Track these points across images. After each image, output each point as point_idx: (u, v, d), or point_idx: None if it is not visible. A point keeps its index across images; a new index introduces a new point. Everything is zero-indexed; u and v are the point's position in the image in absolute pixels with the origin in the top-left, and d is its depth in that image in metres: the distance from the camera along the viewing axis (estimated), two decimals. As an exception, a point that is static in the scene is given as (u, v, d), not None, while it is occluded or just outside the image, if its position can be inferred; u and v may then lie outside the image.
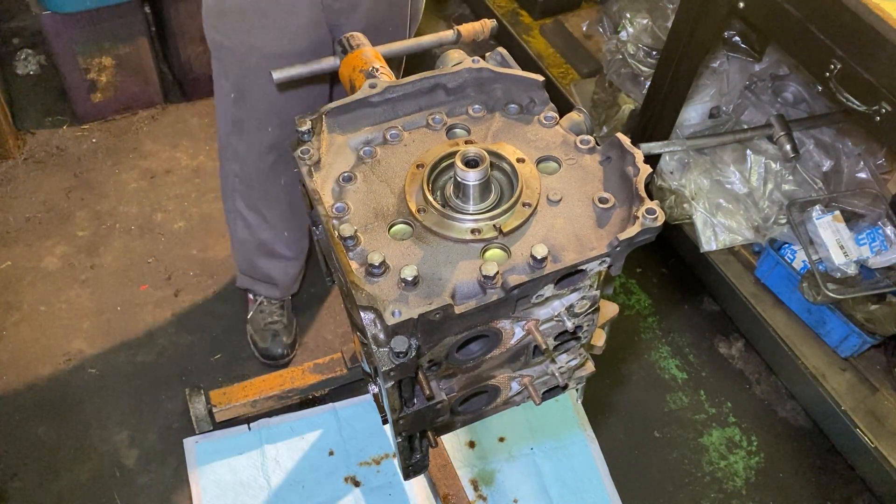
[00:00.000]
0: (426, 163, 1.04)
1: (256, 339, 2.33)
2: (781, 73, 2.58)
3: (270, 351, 2.30)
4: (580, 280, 0.97)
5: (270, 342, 2.30)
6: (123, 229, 2.66)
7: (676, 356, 2.47)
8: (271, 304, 2.34)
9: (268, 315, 2.33)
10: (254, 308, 2.36)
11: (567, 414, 2.28)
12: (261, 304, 2.34)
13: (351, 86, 1.29)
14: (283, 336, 2.32)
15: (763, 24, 1.90)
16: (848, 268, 2.16)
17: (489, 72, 1.15)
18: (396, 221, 1.00)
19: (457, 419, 1.15)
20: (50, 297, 2.46)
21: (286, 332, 2.33)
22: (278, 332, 2.32)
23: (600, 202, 1.01)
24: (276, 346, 2.30)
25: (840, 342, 2.22)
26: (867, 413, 2.12)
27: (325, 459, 2.13)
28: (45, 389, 2.24)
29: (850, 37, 1.63)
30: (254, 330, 2.34)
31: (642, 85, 2.60)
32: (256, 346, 2.33)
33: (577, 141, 1.09)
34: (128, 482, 2.08)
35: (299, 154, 1.07)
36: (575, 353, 1.11)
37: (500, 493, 2.10)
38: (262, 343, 2.31)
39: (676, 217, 2.52)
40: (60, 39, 2.69)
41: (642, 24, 2.52)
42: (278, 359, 2.31)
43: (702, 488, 2.19)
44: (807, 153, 2.43)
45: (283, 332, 2.32)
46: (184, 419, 2.18)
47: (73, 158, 2.87)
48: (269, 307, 2.34)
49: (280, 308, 2.35)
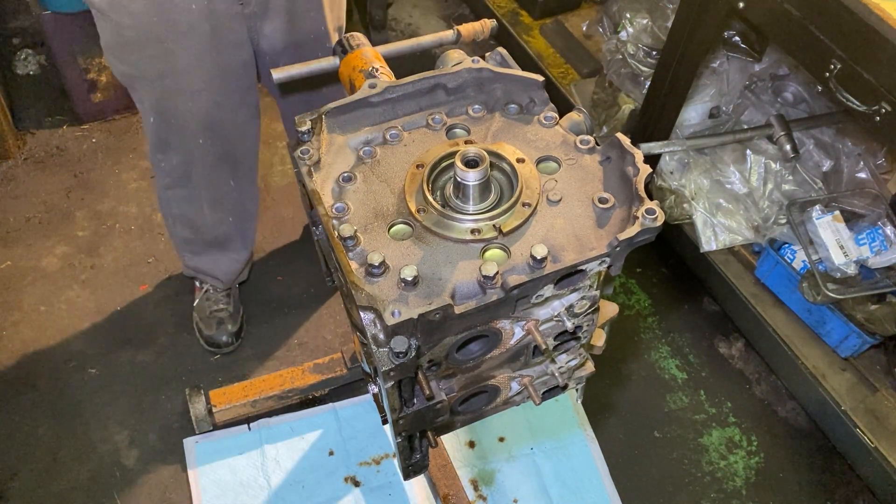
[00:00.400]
0: (426, 163, 1.04)
1: (202, 326, 2.34)
2: (781, 73, 2.58)
3: (215, 338, 2.32)
4: (580, 280, 0.97)
5: (216, 330, 2.32)
6: (123, 229, 2.66)
7: (676, 356, 2.47)
8: (217, 291, 2.35)
9: (213, 303, 2.35)
10: (200, 295, 2.37)
11: (567, 414, 2.28)
12: (207, 292, 2.36)
13: (351, 86, 1.29)
14: (228, 324, 2.33)
15: (763, 24, 1.90)
16: (848, 268, 2.16)
17: (489, 72, 1.15)
18: (396, 221, 1.00)
19: (457, 419, 1.15)
20: (50, 297, 2.46)
21: (231, 321, 2.34)
22: (223, 319, 2.33)
23: (600, 202, 1.01)
24: (220, 333, 2.32)
25: (840, 342, 2.22)
26: (867, 413, 2.12)
27: (325, 459, 2.13)
28: (45, 389, 2.24)
29: (850, 37, 1.63)
30: (199, 317, 2.36)
31: (642, 85, 2.60)
32: (202, 333, 2.34)
33: (576, 141, 1.09)
34: (128, 482, 2.08)
35: (299, 154, 1.07)
36: (575, 353, 1.11)
37: (500, 493, 2.10)
38: (206, 330, 2.33)
39: (676, 217, 2.52)
40: (60, 39, 2.69)
41: (642, 24, 2.52)
42: (223, 346, 2.33)
43: (702, 488, 2.19)
44: (807, 153, 2.43)
45: (228, 321, 2.33)
46: (184, 419, 2.18)
47: (73, 158, 2.87)
48: (215, 295, 2.35)
49: (226, 296, 2.36)
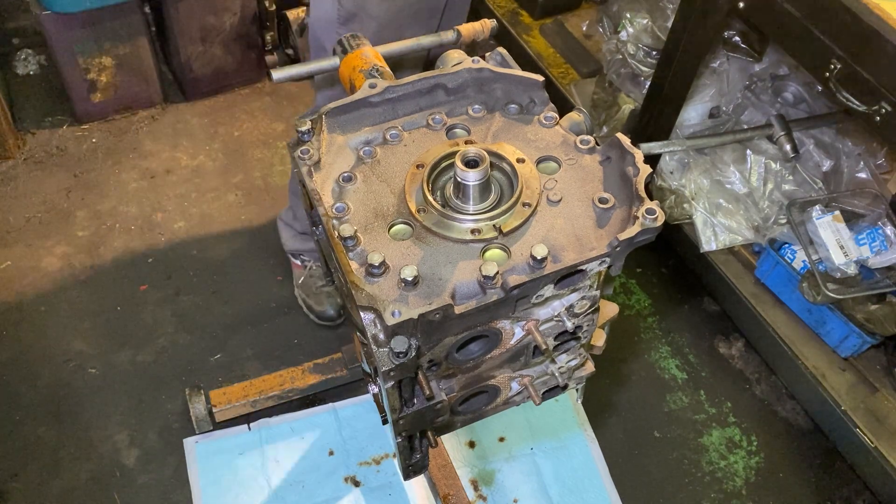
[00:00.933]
0: (426, 163, 1.04)
1: (311, 302, 2.41)
2: (781, 73, 2.58)
3: (327, 312, 2.38)
4: (580, 280, 0.97)
5: (326, 304, 2.38)
6: (123, 229, 2.66)
7: (676, 356, 2.47)
8: (319, 267, 2.41)
9: (319, 279, 2.41)
10: (303, 273, 2.43)
11: (567, 414, 2.28)
12: (310, 269, 2.42)
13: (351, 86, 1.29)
14: (337, 297, 2.39)
15: (763, 24, 1.90)
16: (848, 268, 2.16)
17: (489, 72, 1.15)
18: (396, 221, 1.00)
19: (457, 419, 1.15)
20: (50, 297, 2.46)
21: (337, 293, 2.38)
22: (332, 293, 2.39)
23: (600, 202, 1.01)
24: (331, 307, 2.38)
25: (840, 342, 2.22)
26: (867, 413, 2.12)
27: (325, 459, 2.13)
28: (45, 389, 2.24)
29: (850, 37, 1.63)
30: (306, 294, 2.42)
31: (642, 85, 2.60)
32: (312, 309, 2.41)
33: (577, 141, 1.09)
34: (128, 482, 2.08)
35: (299, 154, 1.06)
36: (575, 353, 1.11)
37: (500, 493, 2.10)
38: (318, 306, 2.40)
39: (676, 217, 2.52)
40: (60, 39, 2.69)
41: (642, 24, 2.52)
42: (335, 319, 2.39)
43: (702, 488, 2.19)
44: (807, 153, 2.42)
45: (335, 293, 2.40)
46: (184, 419, 2.18)
47: (73, 158, 2.87)
48: (319, 271, 2.41)
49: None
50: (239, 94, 3.16)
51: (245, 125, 3.05)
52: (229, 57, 3.05)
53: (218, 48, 2.99)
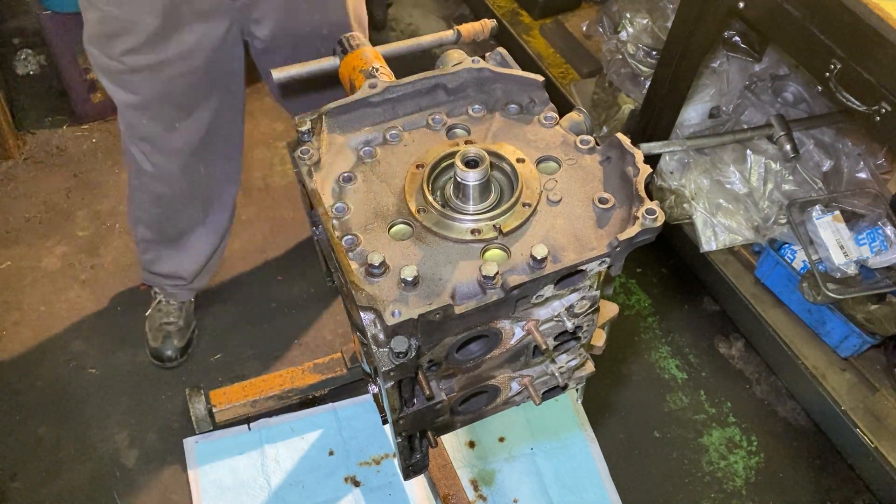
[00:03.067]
0: (426, 163, 1.04)
1: (149, 336, 2.31)
2: (781, 73, 2.58)
3: (160, 351, 2.28)
4: (580, 280, 0.97)
5: (161, 343, 2.28)
6: (123, 229, 2.66)
7: (676, 356, 2.47)
8: (169, 304, 2.32)
9: (164, 315, 2.31)
10: (153, 306, 2.34)
11: (567, 414, 2.28)
12: (159, 304, 2.33)
13: (351, 86, 1.29)
14: (175, 339, 2.29)
15: (763, 24, 1.90)
16: (848, 268, 2.16)
17: (489, 72, 1.15)
18: (396, 221, 1.00)
19: (457, 419, 1.15)
20: (50, 297, 2.46)
21: (179, 335, 2.30)
22: (171, 333, 2.29)
23: (600, 202, 1.01)
24: (166, 347, 2.28)
25: (840, 342, 2.22)
26: (867, 413, 2.12)
27: (325, 459, 2.13)
28: (45, 389, 2.24)
29: (850, 37, 1.63)
30: (149, 328, 2.32)
31: (642, 85, 2.60)
32: (148, 344, 2.31)
33: (577, 141, 1.09)
34: (128, 482, 2.08)
35: (299, 154, 1.07)
36: (575, 353, 1.11)
37: (500, 493, 2.10)
38: (153, 342, 2.29)
39: (676, 217, 2.52)
40: (60, 39, 2.69)
41: (642, 24, 2.52)
42: (165, 361, 2.29)
43: (702, 488, 2.19)
44: (807, 153, 2.42)
45: (175, 335, 2.29)
46: (184, 419, 2.18)
47: (73, 158, 2.87)
48: (167, 307, 2.32)
49: (178, 310, 2.32)
50: (239, 94, 3.16)
51: (245, 125, 3.04)
52: (229, 57, 3.04)
53: (218, 48, 2.99)
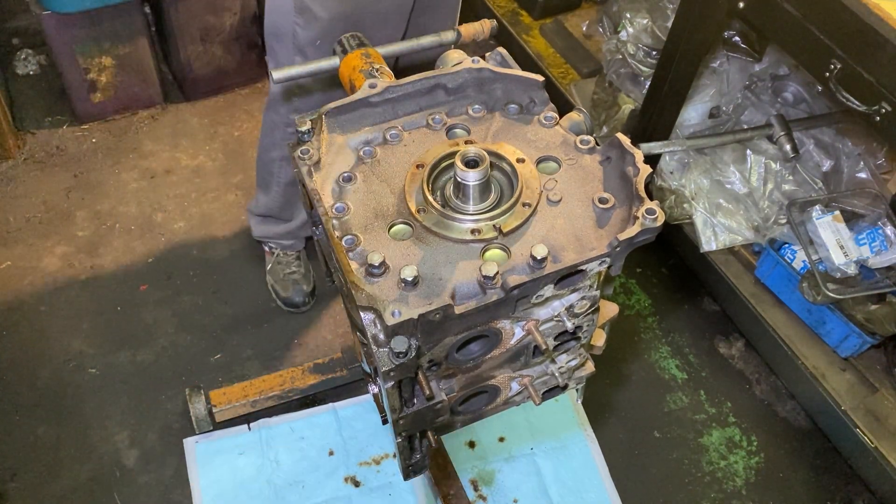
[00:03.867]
0: (426, 163, 1.04)
1: (278, 288, 2.46)
2: (781, 73, 2.58)
3: (292, 299, 2.43)
4: (580, 280, 0.97)
5: (292, 291, 2.43)
6: (123, 229, 2.66)
7: (676, 356, 2.47)
8: (287, 255, 2.46)
9: (286, 266, 2.46)
10: (272, 260, 2.48)
11: (567, 414, 2.28)
12: (278, 256, 2.47)
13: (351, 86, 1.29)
14: (303, 284, 2.45)
15: (763, 24, 1.90)
16: (848, 268, 2.16)
17: (489, 72, 1.15)
18: (396, 221, 1.00)
19: (457, 419, 1.15)
20: (50, 297, 2.46)
21: (305, 281, 2.46)
22: (298, 280, 2.45)
23: (600, 202, 1.01)
24: (297, 294, 2.43)
25: (840, 342, 2.22)
26: (867, 413, 2.12)
27: (325, 459, 2.13)
28: (45, 389, 2.24)
29: (850, 37, 1.63)
30: (274, 281, 2.48)
31: (642, 85, 2.60)
32: (279, 295, 2.46)
33: (577, 141, 1.09)
34: (128, 482, 2.08)
35: (299, 154, 1.06)
36: (575, 353, 1.11)
37: (500, 493, 2.10)
38: (283, 292, 2.45)
39: (676, 217, 2.52)
40: (60, 39, 2.69)
41: (642, 24, 2.52)
42: (300, 306, 2.44)
43: (702, 488, 2.19)
44: (807, 153, 2.42)
45: (302, 281, 2.45)
46: (184, 419, 2.18)
47: (73, 158, 2.87)
48: (286, 258, 2.46)
49: (297, 259, 2.47)
50: (239, 94, 3.16)
51: (245, 125, 3.05)
52: (229, 57, 3.04)
53: (218, 48, 2.99)
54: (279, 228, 2.41)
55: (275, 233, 2.43)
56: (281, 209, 2.35)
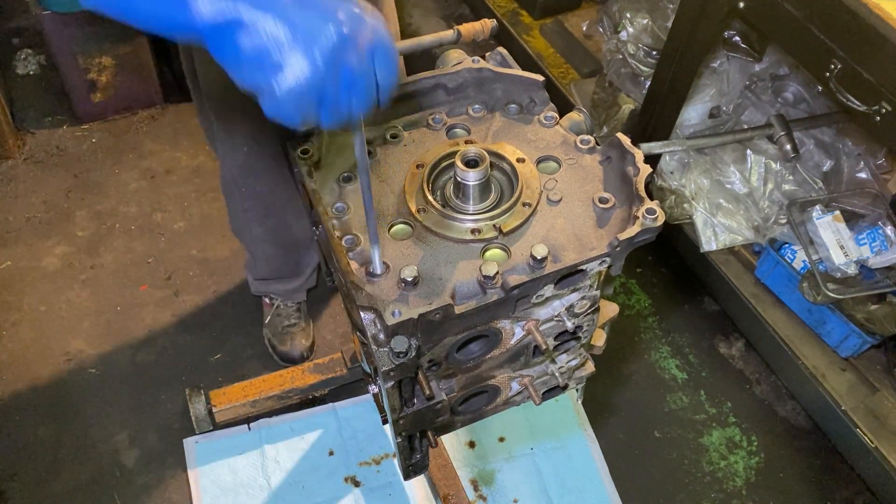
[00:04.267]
0: (426, 163, 1.04)
1: (275, 342, 2.32)
2: (781, 73, 2.57)
3: (290, 354, 2.30)
4: (580, 280, 0.97)
5: (290, 346, 2.30)
6: (123, 229, 2.66)
7: (676, 356, 2.47)
8: (287, 307, 2.33)
9: (285, 318, 2.33)
10: (271, 312, 2.34)
11: (567, 414, 2.28)
12: (277, 308, 2.33)
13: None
14: (302, 338, 2.32)
15: (763, 24, 1.90)
16: (848, 268, 2.16)
17: (489, 72, 1.15)
18: (396, 221, 1.00)
19: (457, 419, 1.15)
20: (50, 297, 2.46)
21: (304, 335, 2.33)
22: (296, 334, 2.32)
23: (600, 202, 1.01)
24: (295, 349, 2.30)
25: (840, 342, 2.22)
26: (867, 413, 2.12)
27: (325, 459, 2.13)
28: (45, 389, 2.24)
29: (850, 37, 1.63)
30: (272, 334, 2.34)
31: (642, 85, 2.60)
32: (276, 349, 2.32)
33: (577, 141, 1.09)
34: (128, 482, 2.08)
35: (299, 154, 1.07)
36: (575, 353, 1.11)
37: (500, 493, 2.10)
38: (281, 347, 2.31)
39: (676, 217, 2.52)
40: (60, 39, 2.69)
41: (642, 24, 2.52)
42: (297, 361, 2.30)
43: (702, 488, 2.19)
44: (807, 153, 2.42)
45: (300, 335, 2.32)
46: (184, 419, 2.18)
47: (73, 158, 2.87)
48: (286, 310, 2.33)
49: (297, 311, 2.35)
50: (239, 94, 3.16)
51: (245, 125, 3.05)
52: (229, 57, 3.04)
53: (218, 48, 2.99)
54: (281, 286, 2.29)
55: (276, 289, 2.30)
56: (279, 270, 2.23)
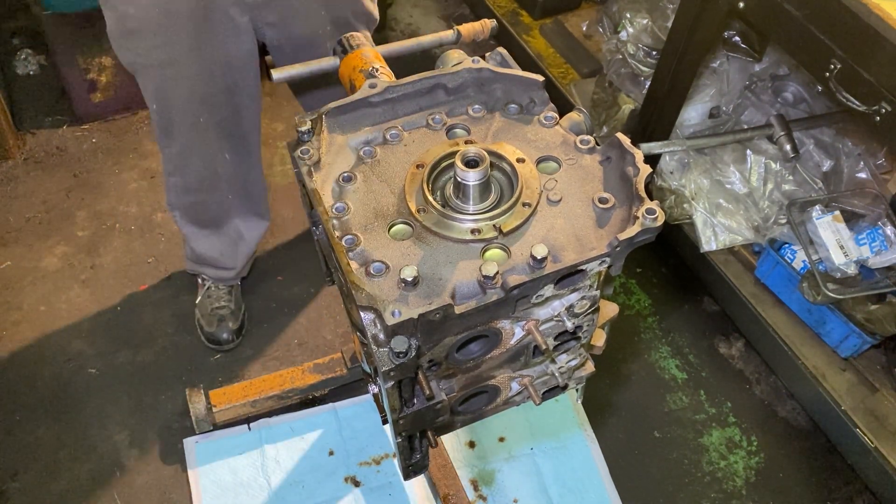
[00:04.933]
0: (426, 163, 1.04)
1: (203, 323, 2.34)
2: (781, 73, 2.58)
3: (216, 336, 2.32)
4: (580, 280, 0.97)
5: (216, 327, 2.32)
6: (123, 229, 2.66)
7: (676, 356, 2.47)
8: (219, 288, 2.36)
9: (215, 300, 2.35)
10: (202, 292, 2.37)
11: (567, 414, 2.28)
12: (209, 289, 2.36)
13: (351, 86, 1.29)
14: (230, 321, 2.33)
15: (763, 24, 1.90)
16: (848, 268, 2.16)
17: (489, 72, 1.15)
18: (396, 221, 1.00)
19: (457, 419, 1.15)
20: (50, 297, 2.46)
21: (233, 318, 2.34)
22: (225, 317, 2.33)
23: (600, 202, 1.01)
24: (221, 330, 2.31)
25: (840, 342, 2.22)
26: (867, 413, 2.12)
27: (325, 459, 2.13)
28: (45, 389, 2.24)
29: (850, 37, 1.63)
30: (201, 314, 2.36)
31: (642, 85, 2.60)
32: (203, 330, 2.34)
33: (577, 141, 1.09)
34: (128, 482, 2.08)
35: (299, 154, 1.07)
36: (575, 353, 1.11)
37: (500, 493, 2.10)
38: (207, 327, 2.33)
39: (676, 217, 2.52)
40: (60, 39, 2.69)
41: (642, 24, 2.52)
42: (223, 343, 2.33)
43: (702, 488, 2.19)
44: (807, 153, 2.43)
45: (229, 318, 2.33)
46: (184, 419, 2.18)
47: (73, 158, 2.87)
48: (217, 292, 2.35)
49: (228, 293, 2.36)
50: (239, 94, 3.16)
51: (245, 125, 3.05)
52: (229, 57, 3.04)
53: (218, 48, 2.99)
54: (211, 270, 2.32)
55: (207, 271, 2.33)
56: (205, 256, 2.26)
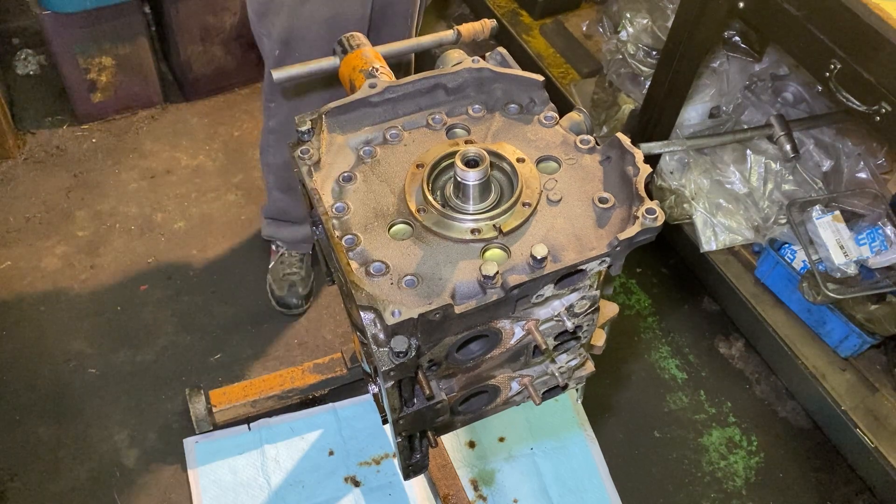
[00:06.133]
0: (426, 163, 1.04)
1: (274, 287, 2.46)
2: (781, 73, 2.58)
3: (286, 300, 2.43)
4: (580, 280, 0.97)
5: (287, 292, 2.43)
6: (123, 229, 2.66)
7: (676, 356, 2.47)
8: (291, 256, 2.48)
9: (287, 266, 2.46)
10: (275, 259, 2.50)
11: (567, 414, 2.28)
12: (282, 256, 2.48)
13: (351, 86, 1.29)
14: (300, 287, 2.44)
15: (763, 24, 1.90)
16: (848, 268, 2.16)
17: (489, 72, 1.15)
18: (396, 221, 1.00)
19: (457, 419, 1.15)
20: (50, 297, 2.46)
21: (302, 284, 2.45)
22: (295, 283, 2.44)
23: (600, 202, 1.01)
24: (291, 295, 2.42)
25: (840, 342, 2.22)
26: (867, 413, 2.12)
27: (325, 459, 2.13)
28: (45, 389, 2.24)
29: (850, 37, 1.63)
30: (273, 279, 2.47)
31: (642, 85, 2.60)
32: (273, 294, 2.46)
33: (577, 141, 1.09)
34: (128, 482, 2.08)
35: (299, 154, 1.07)
36: (575, 353, 1.11)
37: (500, 493, 2.10)
38: (278, 291, 2.44)
39: (676, 217, 2.52)
40: (60, 39, 2.69)
41: (642, 24, 2.52)
42: (291, 308, 2.44)
43: (702, 488, 2.19)
44: (807, 153, 2.43)
45: (299, 284, 2.44)
46: (184, 419, 2.18)
47: (73, 158, 2.87)
48: (290, 259, 2.47)
49: (299, 261, 2.48)
50: (239, 93, 3.16)
51: (245, 125, 3.05)
52: (229, 57, 3.04)
53: (218, 48, 2.99)
54: (287, 231, 2.43)
55: (283, 235, 2.45)
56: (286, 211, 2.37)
